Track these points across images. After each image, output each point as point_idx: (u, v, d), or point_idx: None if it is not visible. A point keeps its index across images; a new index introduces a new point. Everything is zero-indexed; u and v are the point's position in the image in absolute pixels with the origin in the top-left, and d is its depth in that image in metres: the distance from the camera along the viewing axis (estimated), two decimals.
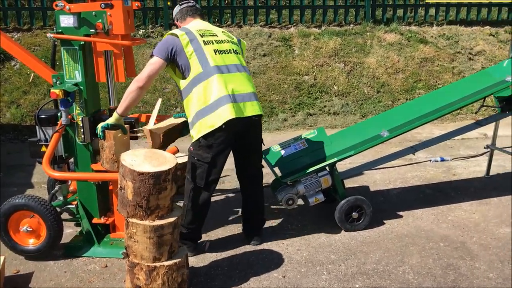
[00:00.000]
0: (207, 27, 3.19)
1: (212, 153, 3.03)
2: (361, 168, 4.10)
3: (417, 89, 6.83)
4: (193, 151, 3.09)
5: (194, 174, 3.11)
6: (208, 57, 3.00)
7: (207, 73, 2.98)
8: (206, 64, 2.99)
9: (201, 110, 2.98)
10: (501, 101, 3.84)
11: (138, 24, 7.43)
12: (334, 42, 7.30)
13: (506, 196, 4.14)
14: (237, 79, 3.07)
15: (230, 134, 3.03)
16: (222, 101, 2.96)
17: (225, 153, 3.10)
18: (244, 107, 3.04)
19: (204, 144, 3.02)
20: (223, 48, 3.12)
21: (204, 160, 3.05)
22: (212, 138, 3.00)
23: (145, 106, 6.22)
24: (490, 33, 7.92)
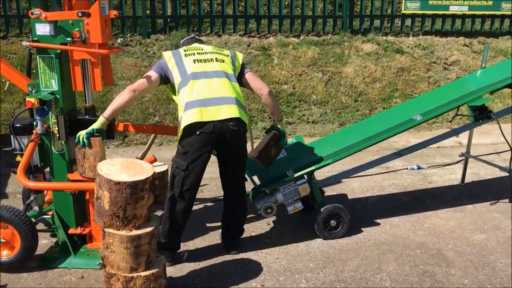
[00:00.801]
0: (197, 45, 3.33)
1: (188, 161, 3.06)
2: (339, 176, 4.13)
3: (394, 98, 6.94)
4: (173, 159, 3.14)
5: (172, 182, 3.13)
6: (187, 66, 3.12)
7: (185, 81, 3.09)
8: (184, 73, 3.11)
9: (181, 114, 3.07)
10: (474, 110, 3.93)
11: (116, 32, 7.39)
12: (312, 51, 7.37)
13: (481, 203, 4.22)
14: (213, 84, 3.10)
15: (204, 140, 3.04)
16: (190, 105, 3.03)
17: (201, 160, 3.08)
18: (218, 110, 3.05)
19: (181, 151, 3.08)
20: (204, 58, 3.19)
21: (180, 167, 3.08)
22: (188, 145, 3.04)
23: (123, 115, 6.17)
24: (464, 44, 8.11)
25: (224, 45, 7.36)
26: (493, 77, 3.98)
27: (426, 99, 4.18)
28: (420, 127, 6.37)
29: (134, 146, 5.83)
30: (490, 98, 3.92)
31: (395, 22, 8.28)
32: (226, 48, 7.25)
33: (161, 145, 5.88)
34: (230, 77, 3.20)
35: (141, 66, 6.87)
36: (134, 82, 6.68)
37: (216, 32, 7.73)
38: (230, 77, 3.20)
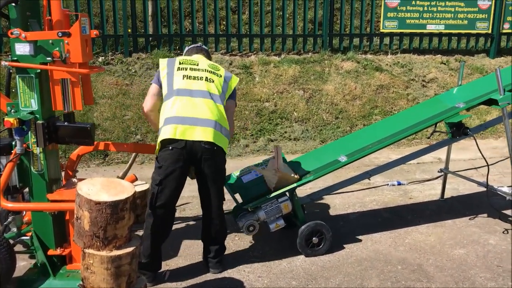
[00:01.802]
0: (194, 58, 3.38)
1: (161, 176, 3.10)
2: (321, 193, 4.15)
3: (374, 115, 7.04)
4: (152, 174, 3.20)
5: (149, 197, 3.19)
6: (175, 81, 3.21)
7: (169, 94, 3.17)
8: (170, 87, 3.19)
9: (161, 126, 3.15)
10: (452, 127, 4.01)
11: (97, 51, 7.38)
12: (293, 69, 7.46)
13: (460, 218, 4.29)
14: (196, 104, 3.13)
15: (176, 155, 3.07)
16: (168, 121, 3.10)
17: (174, 176, 3.11)
18: (193, 131, 3.08)
19: (156, 166, 3.14)
20: (195, 75, 3.24)
21: (155, 182, 3.13)
22: (162, 160, 3.11)
23: (104, 134, 6.13)
24: (441, 61, 8.30)
25: None
26: (469, 94, 4.09)
27: (405, 116, 4.25)
28: (400, 143, 6.46)
29: (115, 165, 5.78)
30: (467, 115, 4.01)
31: (373, 40, 8.44)
32: None
33: (143, 164, 5.85)
34: (215, 98, 3.21)
35: (122, 84, 6.86)
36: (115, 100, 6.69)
37: None
38: (215, 98, 3.20)
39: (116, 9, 7.42)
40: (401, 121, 4.02)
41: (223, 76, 3.35)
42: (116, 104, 6.53)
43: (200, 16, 8.50)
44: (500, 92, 3.73)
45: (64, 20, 3.02)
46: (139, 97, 6.69)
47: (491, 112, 7.23)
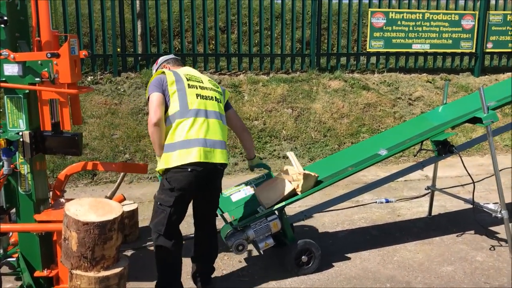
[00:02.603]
0: (195, 73, 3.30)
1: (175, 196, 3.00)
2: (309, 211, 4.16)
3: (361, 133, 7.11)
4: (157, 196, 3.09)
5: (156, 220, 3.06)
6: (189, 99, 3.07)
7: (184, 113, 3.03)
8: (184, 105, 3.04)
9: (170, 145, 3.01)
10: (437, 145, 4.06)
11: (86, 70, 7.40)
12: (281, 88, 7.53)
13: (447, 235, 4.32)
14: (213, 126, 3.11)
15: (193, 179, 3.01)
16: (192, 143, 2.99)
17: (187, 198, 3.10)
18: (213, 153, 3.05)
19: (167, 187, 3.01)
20: (206, 94, 3.17)
21: (166, 203, 3.02)
22: (175, 182, 2.99)
23: (92, 153, 6.11)
24: (427, 80, 8.44)
25: None
26: (454, 113, 4.16)
27: (391, 134, 4.31)
28: (388, 161, 6.52)
29: (104, 184, 5.75)
30: (452, 133, 4.07)
31: (360, 59, 8.57)
32: None
33: (131, 183, 5.82)
34: (223, 118, 3.24)
35: (111, 104, 6.87)
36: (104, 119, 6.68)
37: None
38: (222, 119, 3.24)
39: (105, 29, 7.47)
40: (388, 140, 4.07)
41: (221, 93, 3.38)
42: (104, 124, 6.53)
43: (189, 36, 8.58)
44: (484, 110, 3.80)
45: (53, 41, 3.04)
46: (128, 116, 6.70)
47: (477, 130, 7.34)
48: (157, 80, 3.11)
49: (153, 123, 2.99)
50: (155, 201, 3.10)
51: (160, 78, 3.12)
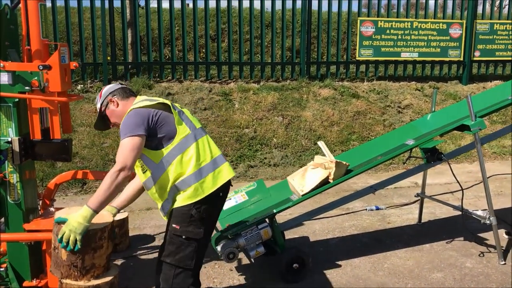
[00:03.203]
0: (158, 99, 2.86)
1: (205, 227, 2.66)
2: (300, 219, 4.18)
3: (351, 140, 7.15)
4: (181, 229, 2.61)
5: (182, 255, 2.65)
6: (191, 119, 2.76)
7: (196, 134, 2.67)
8: (192, 126, 2.70)
9: (198, 171, 2.61)
10: (426, 152, 4.10)
11: (76, 79, 7.38)
12: (272, 96, 7.56)
13: (437, 242, 4.34)
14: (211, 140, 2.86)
15: (219, 205, 2.78)
16: (219, 161, 2.70)
17: (213, 227, 2.80)
18: (227, 168, 2.76)
19: (197, 217, 2.61)
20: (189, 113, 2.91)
21: (196, 236, 2.62)
22: (207, 209, 2.64)
23: (82, 161, 6.08)
24: (416, 88, 8.53)
25: (186, 90, 7.47)
26: (442, 121, 4.21)
27: (381, 142, 4.34)
28: (378, 169, 6.56)
29: (93, 193, 5.70)
30: (440, 141, 4.12)
31: (350, 68, 8.64)
32: (188, 94, 7.36)
33: None
34: None
35: None
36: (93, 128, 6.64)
37: (177, 78, 7.84)
38: None
39: (95, 37, 7.47)
40: (378, 147, 4.10)
41: None
42: (94, 132, 6.50)
43: (179, 44, 8.61)
44: (472, 118, 3.84)
45: (43, 49, 3.03)
46: None
47: (465, 137, 7.42)
48: (141, 115, 2.56)
49: (129, 175, 2.49)
50: (177, 234, 2.64)
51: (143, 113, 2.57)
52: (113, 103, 2.76)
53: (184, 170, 2.59)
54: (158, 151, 2.58)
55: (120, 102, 2.76)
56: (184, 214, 2.61)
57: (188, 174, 2.59)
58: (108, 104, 2.77)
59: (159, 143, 2.59)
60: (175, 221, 2.63)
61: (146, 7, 7.73)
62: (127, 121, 2.55)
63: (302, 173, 3.70)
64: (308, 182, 3.58)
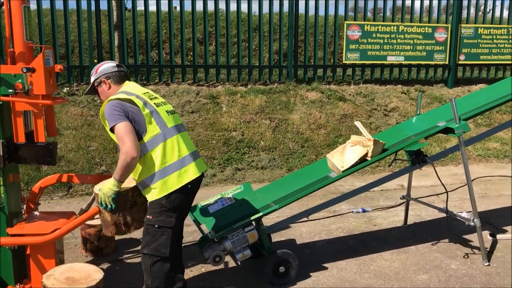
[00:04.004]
0: (145, 90, 3.06)
1: (176, 215, 2.89)
2: (287, 221, 4.18)
3: (338, 143, 7.17)
4: (154, 219, 2.87)
5: (156, 244, 2.88)
6: (164, 118, 2.90)
7: (166, 133, 2.86)
8: (163, 125, 2.87)
9: (163, 170, 2.83)
10: (411, 155, 4.14)
11: (62, 82, 7.32)
12: (260, 99, 7.58)
13: (423, 244, 4.38)
14: (187, 138, 3.07)
15: (192, 195, 3.00)
16: (186, 160, 2.90)
17: (185, 216, 3.05)
18: (200, 164, 3.03)
19: (167, 207, 2.85)
20: (170, 108, 3.05)
21: (168, 225, 2.87)
22: (176, 199, 2.87)
23: (68, 165, 6.03)
24: (402, 91, 8.60)
25: (173, 93, 7.45)
26: (427, 123, 4.24)
27: None
28: (364, 171, 6.60)
29: (79, 197, 5.67)
30: (425, 143, 4.16)
31: (337, 71, 8.69)
32: (175, 97, 7.34)
33: None
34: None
35: (87, 115, 6.80)
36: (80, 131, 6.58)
37: (164, 81, 7.81)
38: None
39: (81, 40, 7.42)
40: None
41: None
42: (80, 135, 6.46)
43: (167, 47, 8.59)
44: (456, 121, 3.89)
45: (27, 52, 3.01)
46: (104, 128, 6.63)
47: (451, 140, 7.50)
48: (119, 106, 2.78)
49: (135, 155, 2.70)
50: (151, 224, 2.88)
51: (121, 104, 2.79)
52: (105, 84, 3.02)
53: (152, 167, 2.83)
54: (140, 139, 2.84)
55: (112, 85, 3.02)
56: (156, 205, 2.87)
57: (154, 171, 2.83)
58: (101, 83, 3.03)
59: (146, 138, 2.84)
60: (149, 213, 2.91)
61: (133, 10, 7.71)
62: (109, 111, 2.78)
63: (341, 150, 3.81)
64: (347, 159, 3.68)
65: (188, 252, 4.14)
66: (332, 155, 3.81)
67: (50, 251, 3.03)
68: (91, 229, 4.05)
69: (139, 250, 3.00)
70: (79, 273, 2.75)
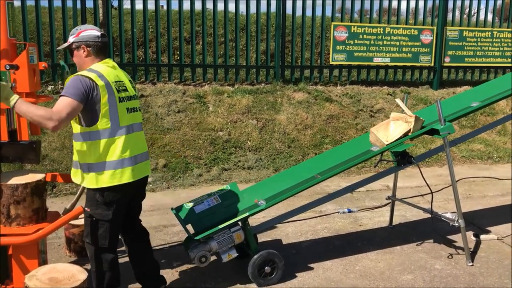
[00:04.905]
0: (120, 77, 3.00)
1: (112, 209, 2.95)
2: (273, 222, 4.18)
3: (324, 144, 7.21)
4: (91, 211, 2.96)
5: (95, 235, 2.98)
6: (120, 115, 2.88)
7: (115, 131, 2.86)
8: (115, 122, 2.86)
9: (100, 164, 2.85)
10: (397, 156, 4.17)
11: (47, 80, 7.23)
12: (246, 99, 7.57)
13: (408, 244, 4.41)
14: (139, 139, 3.06)
15: (128, 191, 3.02)
16: (126, 163, 2.91)
17: (123, 210, 3.07)
18: (141, 168, 3.05)
19: (102, 202, 2.92)
20: (133, 105, 3.03)
21: (105, 218, 2.95)
22: (110, 195, 2.91)
23: (52, 164, 5.96)
24: (388, 93, 8.66)
25: (159, 92, 7.40)
26: None
27: (353, 145, 4.38)
28: (350, 172, 6.63)
29: (63, 196, 5.61)
30: (410, 144, 4.19)
31: (323, 72, 8.72)
32: (161, 96, 7.30)
33: None
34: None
35: None
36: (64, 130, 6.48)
37: (151, 80, 7.76)
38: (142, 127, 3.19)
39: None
40: (349, 150, 4.14)
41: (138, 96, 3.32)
42: (65, 134, 6.38)
43: (153, 46, 8.54)
44: (441, 122, 3.92)
45: (10, 49, 2.97)
46: None
47: (436, 141, 7.57)
48: (84, 86, 2.73)
49: (50, 127, 2.66)
50: (90, 216, 2.96)
51: (87, 84, 2.74)
52: (84, 51, 2.93)
53: (92, 155, 2.84)
54: (80, 126, 2.83)
55: (91, 54, 2.94)
56: (92, 199, 2.93)
57: (91, 161, 2.85)
58: (79, 48, 2.93)
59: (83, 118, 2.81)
60: (87, 205, 2.97)
61: (119, 8, 7.64)
62: (72, 83, 2.73)
63: (385, 125, 4.01)
64: (392, 133, 3.90)
65: (173, 253, 4.12)
66: (377, 129, 4.01)
67: (32, 251, 2.99)
68: (75, 229, 4.00)
69: (83, 237, 3.08)
70: (63, 274, 2.72)
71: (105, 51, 3.01)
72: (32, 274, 2.72)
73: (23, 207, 2.94)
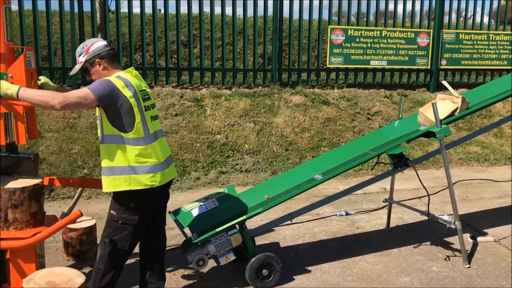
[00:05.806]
0: (142, 86, 3.05)
1: (139, 215, 2.98)
2: (271, 225, 4.19)
3: (322, 146, 7.23)
4: (117, 215, 2.98)
5: (117, 237, 3.00)
6: (148, 124, 2.97)
7: (147, 139, 2.92)
8: (147, 131, 2.94)
9: (135, 168, 2.88)
10: (393, 158, 4.18)
11: None
12: (244, 103, 7.58)
13: (405, 247, 4.42)
14: (164, 144, 3.15)
15: (156, 198, 3.07)
16: (157, 168, 2.96)
17: (150, 215, 3.11)
18: (169, 171, 3.12)
19: (132, 207, 2.95)
20: (155, 114, 3.12)
21: (131, 222, 2.97)
22: (141, 199, 2.96)
23: (49, 168, 5.96)
24: (385, 95, 8.69)
25: (157, 96, 7.41)
26: (409, 127, 4.30)
27: (350, 148, 4.40)
28: (348, 174, 6.64)
29: (61, 200, 5.61)
30: (407, 147, 4.20)
31: (321, 75, 8.74)
32: (159, 99, 7.31)
33: (90, 199, 5.70)
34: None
35: (70, 117, 6.73)
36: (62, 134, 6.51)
37: (148, 84, 7.77)
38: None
39: (64, 42, 7.34)
40: (347, 153, 4.16)
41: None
42: (63, 138, 6.38)
43: (151, 50, 8.55)
44: (438, 125, 3.94)
45: (8, 53, 2.97)
46: (87, 130, 6.58)
47: (433, 143, 7.59)
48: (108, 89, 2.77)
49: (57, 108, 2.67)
50: (114, 219, 2.99)
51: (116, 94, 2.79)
52: (100, 65, 2.95)
53: (126, 159, 2.86)
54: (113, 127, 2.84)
55: (106, 65, 2.96)
56: (121, 203, 2.95)
57: (127, 165, 2.87)
58: (94, 63, 2.94)
59: (115, 122, 2.83)
60: (113, 208, 2.99)
61: (117, 11, 7.65)
62: (99, 83, 2.80)
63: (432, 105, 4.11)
64: (440, 112, 4.03)
65: (171, 256, 4.12)
66: (425, 110, 4.16)
67: (30, 255, 2.99)
68: (72, 233, 4.00)
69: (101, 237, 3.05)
70: (60, 278, 2.72)
71: (117, 58, 3.11)
72: (30, 278, 2.72)
73: (21, 211, 2.93)
